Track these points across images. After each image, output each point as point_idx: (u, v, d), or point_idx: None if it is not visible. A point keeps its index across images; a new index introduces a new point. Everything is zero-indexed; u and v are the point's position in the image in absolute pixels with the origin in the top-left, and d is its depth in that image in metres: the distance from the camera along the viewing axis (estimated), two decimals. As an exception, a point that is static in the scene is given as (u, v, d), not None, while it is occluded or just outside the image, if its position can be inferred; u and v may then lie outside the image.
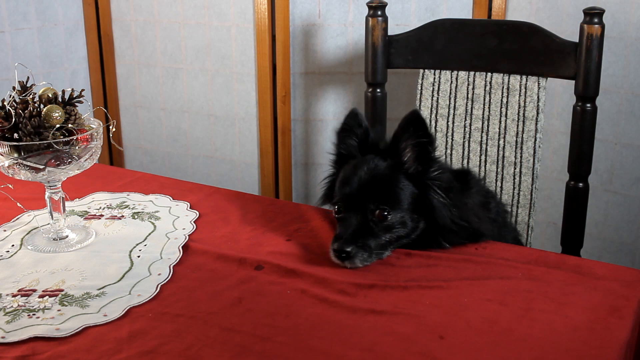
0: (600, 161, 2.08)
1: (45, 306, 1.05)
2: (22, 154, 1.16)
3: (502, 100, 1.75)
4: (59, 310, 1.04)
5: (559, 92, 2.12)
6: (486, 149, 1.78)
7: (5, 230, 1.33)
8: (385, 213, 1.19)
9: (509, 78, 1.74)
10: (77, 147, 1.20)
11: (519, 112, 1.73)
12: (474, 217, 1.27)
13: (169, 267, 1.17)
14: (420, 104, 1.84)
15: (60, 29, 2.51)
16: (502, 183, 1.77)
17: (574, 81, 1.66)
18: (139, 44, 2.56)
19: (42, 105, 1.19)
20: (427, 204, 1.22)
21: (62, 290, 1.10)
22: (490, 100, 1.76)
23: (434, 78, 1.81)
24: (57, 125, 1.18)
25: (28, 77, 1.24)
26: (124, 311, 1.04)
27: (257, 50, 2.35)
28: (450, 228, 1.23)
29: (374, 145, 1.28)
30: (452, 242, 1.24)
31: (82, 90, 1.24)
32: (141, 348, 0.95)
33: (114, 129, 1.29)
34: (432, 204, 1.21)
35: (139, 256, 1.21)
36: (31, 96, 1.21)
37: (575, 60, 1.64)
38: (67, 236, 1.28)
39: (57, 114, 1.18)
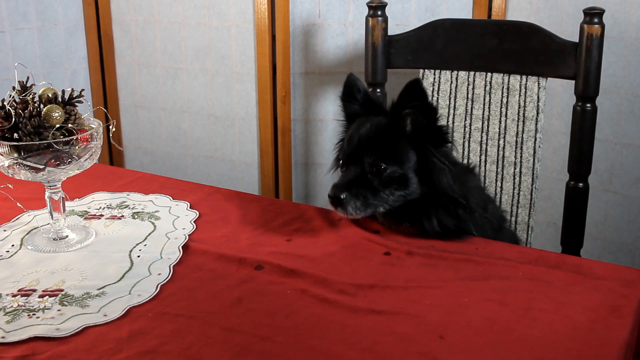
0: (600, 161, 2.08)
1: (45, 306, 1.05)
2: (22, 154, 1.16)
3: (502, 100, 1.75)
4: (59, 310, 1.04)
5: (559, 92, 2.12)
6: (486, 149, 1.78)
7: (5, 230, 1.33)
8: (383, 166, 1.22)
9: (509, 78, 1.74)
10: (77, 147, 1.20)
11: (519, 112, 1.73)
12: (470, 196, 1.27)
13: (169, 267, 1.17)
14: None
15: (60, 29, 2.51)
16: (502, 183, 1.77)
17: (574, 81, 1.66)
18: (139, 44, 2.56)
19: (42, 105, 1.19)
20: (428, 167, 1.23)
21: (62, 290, 1.10)
22: (490, 100, 1.76)
23: (434, 78, 1.81)
24: (57, 125, 1.18)
25: (28, 77, 1.24)
26: (124, 311, 1.04)
27: (257, 50, 2.35)
28: (447, 197, 1.22)
29: (377, 107, 1.31)
30: (442, 222, 1.24)
31: (82, 90, 1.24)
32: (141, 348, 0.95)
33: (114, 129, 1.29)
34: (431, 167, 1.23)
35: (139, 256, 1.21)
36: (31, 96, 1.21)
37: (575, 60, 1.64)
38: (67, 236, 1.28)
39: (57, 114, 1.18)
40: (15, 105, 1.18)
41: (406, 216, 1.26)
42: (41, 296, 1.08)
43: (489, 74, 1.76)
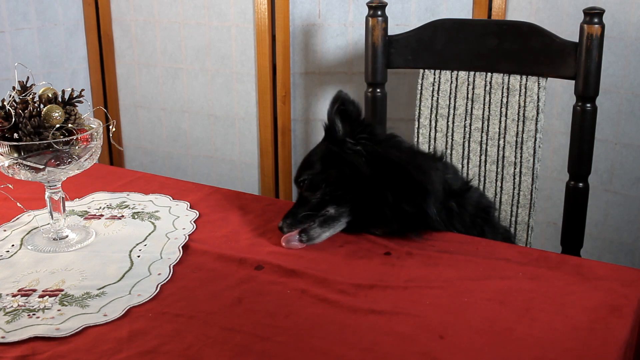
0: (600, 161, 2.08)
1: (45, 306, 1.05)
2: (22, 154, 1.16)
3: (502, 100, 1.75)
4: (59, 310, 1.04)
5: (559, 92, 2.12)
6: (486, 149, 1.78)
7: (5, 230, 1.33)
8: (303, 178, 1.28)
9: (509, 78, 1.74)
10: (77, 147, 1.20)
11: (519, 112, 1.73)
12: (427, 176, 1.28)
13: (169, 267, 1.17)
14: (420, 104, 1.84)
15: (60, 29, 2.51)
16: (502, 183, 1.77)
17: (574, 81, 1.66)
18: (139, 44, 2.56)
19: (42, 105, 1.19)
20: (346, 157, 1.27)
21: (62, 290, 1.10)
22: (490, 100, 1.76)
23: (434, 78, 1.81)
24: (57, 125, 1.18)
25: (28, 77, 1.24)
26: (124, 311, 1.04)
27: (257, 50, 2.35)
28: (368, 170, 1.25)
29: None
30: (407, 209, 1.25)
31: (82, 90, 1.24)
32: (141, 348, 0.95)
33: (114, 129, 1.29)
34: (344, 157, 1.27)
35: (139, 256, 1.21)
36: (31, 96, 1.21)
37: (575, 60, 1.64)
38: (67, 236, 1.28)
39: (57, 114, 1.18)
40: (15, 105, 1.18)
41: (370, 222, 1.28)
42: (41, 296, 1.08)
43: (489, 74, 1.76)
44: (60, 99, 1.22)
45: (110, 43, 2.60)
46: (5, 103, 1.19)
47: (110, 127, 1.29)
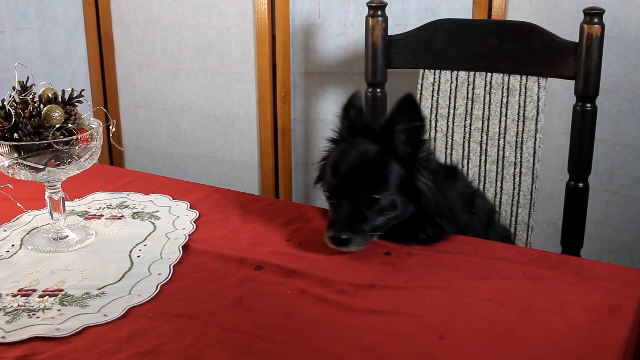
0: (600, 161, 2.08)
1: (45, 306, 1.05)
2: (22, 154, 1.16)
3: (502, 100, 1.75)
4: (59, 310, 1.04)
5: (559, 92, 2.12)
6: (486, 149, 1.78)
7: (5, 230, 1.33)
8: (375, 197, 1.21)
9: (509, 78, 1.74)
10: (77, 147, 1.20)
11: (519, 112, 1.73)
12: (454, 205, 1.28)
13: (169, 267, 1.17)
14: (420, 104, 1.84)
15: (60, 29, 2.51)
16: (502, 183, 1.77)
17: (574, 81, 1.66)
18: (139, 44, 2.56)
19: (42, 105, 1.19)
20: (415, 186, 1.23)
21: (62, 290, 1.10)
22: (490, 100, 1.76)
23: (434, 78, 1.81)
24: (57, 125, 1.18)
25: (28, 77, 1.24)
26: (124, 311, 1.04)
27: (257, 50, 2.35)
28: (432, 213, 1.23)
29: (366, 128, 1.29)
30: (429, 234, 1.25)
31: (82, 90, 1.24)
32: (141, 348, 0.95)
33: (114, 129, 1.29)
34: (419, 187, 1.23)
35: (139, 256, 1.21)
36: (31, 96, 1.21)
37: (575, 60, 1.64)
38: (67, 236, 1.28)
39: (57, 114, 1.18)
40: (15, 105, 1.18)
41: (395, 234, 1.26)
42: (41, 296, 1.08)
43: (489, 74, 1.76)
44: (60, 99, 1.22)
45: (110, 43, 2.60)
46: (5, 103, 1.19)
47: (110, 127, 1.29)
